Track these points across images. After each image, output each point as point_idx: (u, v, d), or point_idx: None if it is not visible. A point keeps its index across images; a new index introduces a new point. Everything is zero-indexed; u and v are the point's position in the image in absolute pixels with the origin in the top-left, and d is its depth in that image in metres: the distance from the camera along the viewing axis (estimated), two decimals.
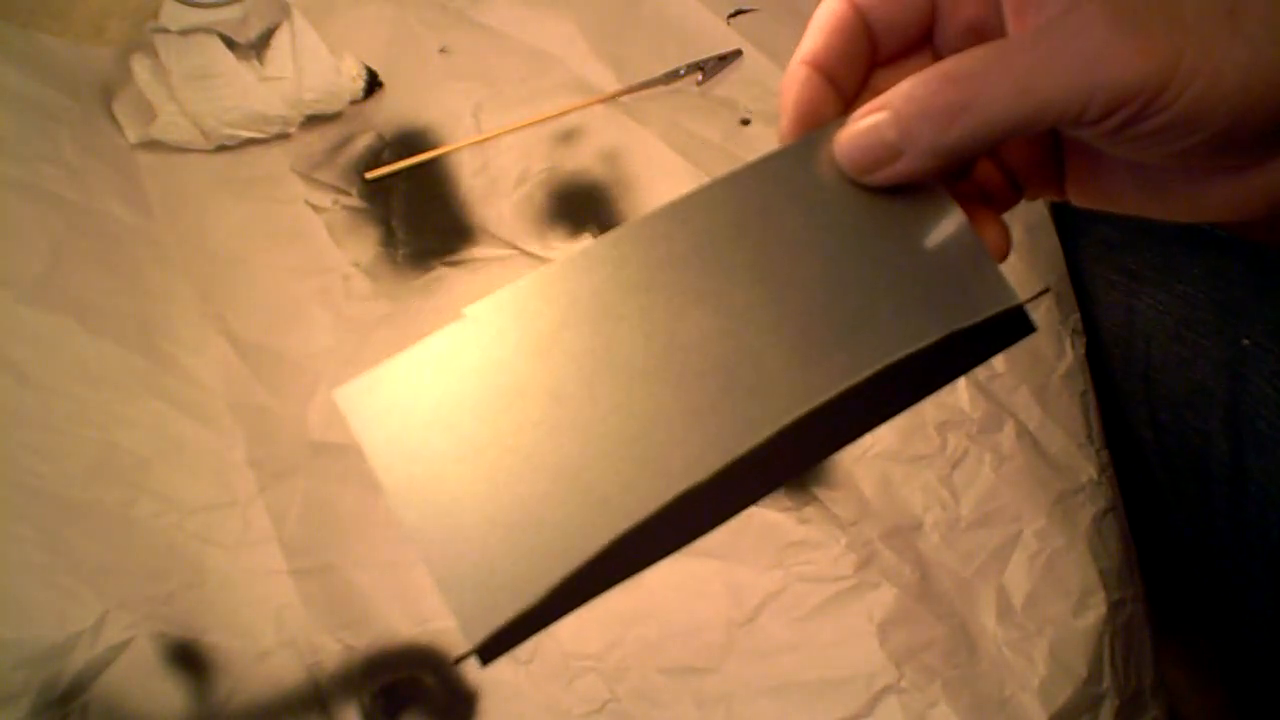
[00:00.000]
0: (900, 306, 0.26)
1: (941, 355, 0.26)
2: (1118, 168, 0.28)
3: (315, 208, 0.53)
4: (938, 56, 0.29)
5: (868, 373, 0.25)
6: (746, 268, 0.26)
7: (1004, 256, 0.28)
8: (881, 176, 0.26)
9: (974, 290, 0.26)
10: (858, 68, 0.29)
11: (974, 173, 0.30)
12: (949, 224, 0.27)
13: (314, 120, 0.54)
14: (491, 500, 0.23)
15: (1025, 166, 0.30)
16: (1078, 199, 0.30)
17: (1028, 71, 0.24)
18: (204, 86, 0.51)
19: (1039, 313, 0.51)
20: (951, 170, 0.28)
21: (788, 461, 0.26)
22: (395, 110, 0.55)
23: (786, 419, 0.24)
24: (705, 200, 0.26)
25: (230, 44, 0.52)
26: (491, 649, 0.23)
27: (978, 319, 0.26)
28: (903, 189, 0.27)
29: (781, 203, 0.27)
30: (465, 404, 0.24)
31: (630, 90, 0.56)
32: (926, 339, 0.25)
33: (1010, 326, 0.27)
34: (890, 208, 0.27)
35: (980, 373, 0.50)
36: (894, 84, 0.25)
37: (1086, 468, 0.49)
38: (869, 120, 0.26)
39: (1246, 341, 0.45)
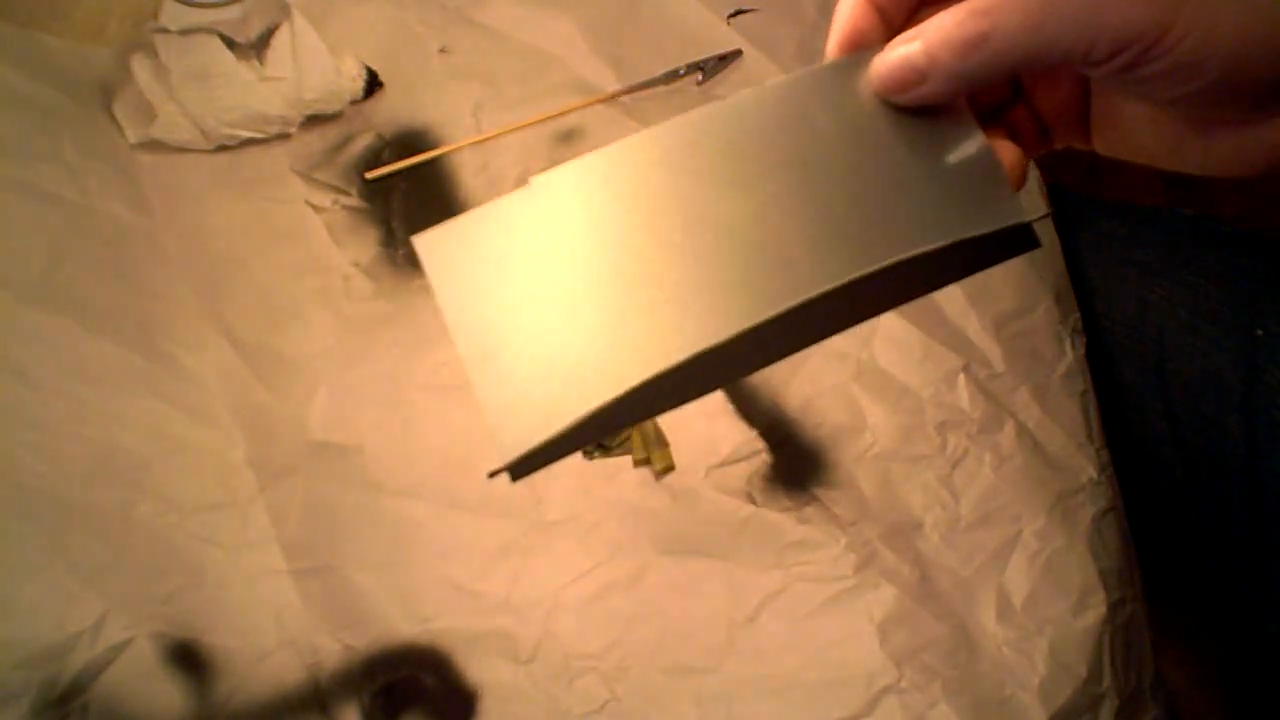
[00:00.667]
0: (918, 211, 0.29)
1: (950, 257, 0.28)
2: (1137, 120, 0.31)
3: (315, 208, 0.53)
4: None
5: (879, 265, 0.27)
6: (782, 164, 0.29)
7: (1020, 185, 0.31)
8: (909, 97, 0.29)
9: (987, 204, 0.29)
10: (907, 2, 0.31)
11: (1009, 117, 0.33)
12: (971, 145, 0.29)
13: (314, 120, 0.54)
14: (537, 341, 0.27)
15: (1055, 114, 0.33)
16: (1101, 147, 0.33)
17: (1040, 10, 0.26)
18: (204, 86, 0.51)
19: (1038, 314, 0.51)
20: (973, 96, 0.30)
21: (799, 334, 0.30)
22: (395, 110, 0.55)
23: (801, 297, 0.27)
24: (750, 103, 0.29)
25: (230, 44, 0.52)
26: (521, 468, 0.26)
27: (987, 230, 0.28)
28: (932, 111, 0.29)
29: (819, 111, 0.29)
30: (524, 258, 0.27)
31: (630, 90, 0.56)
32: (937, 241, 0.28)
33: (1015, 240, 0.30)
34: (919, 126, 0.29)
35: (980, 372, 0.50)
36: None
37: (1086, 467, 0.49)
38: (902, 48, 0.29)
39: (1260, 332, 0.46)
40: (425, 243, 0.28)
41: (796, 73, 0.30)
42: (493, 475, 0.26)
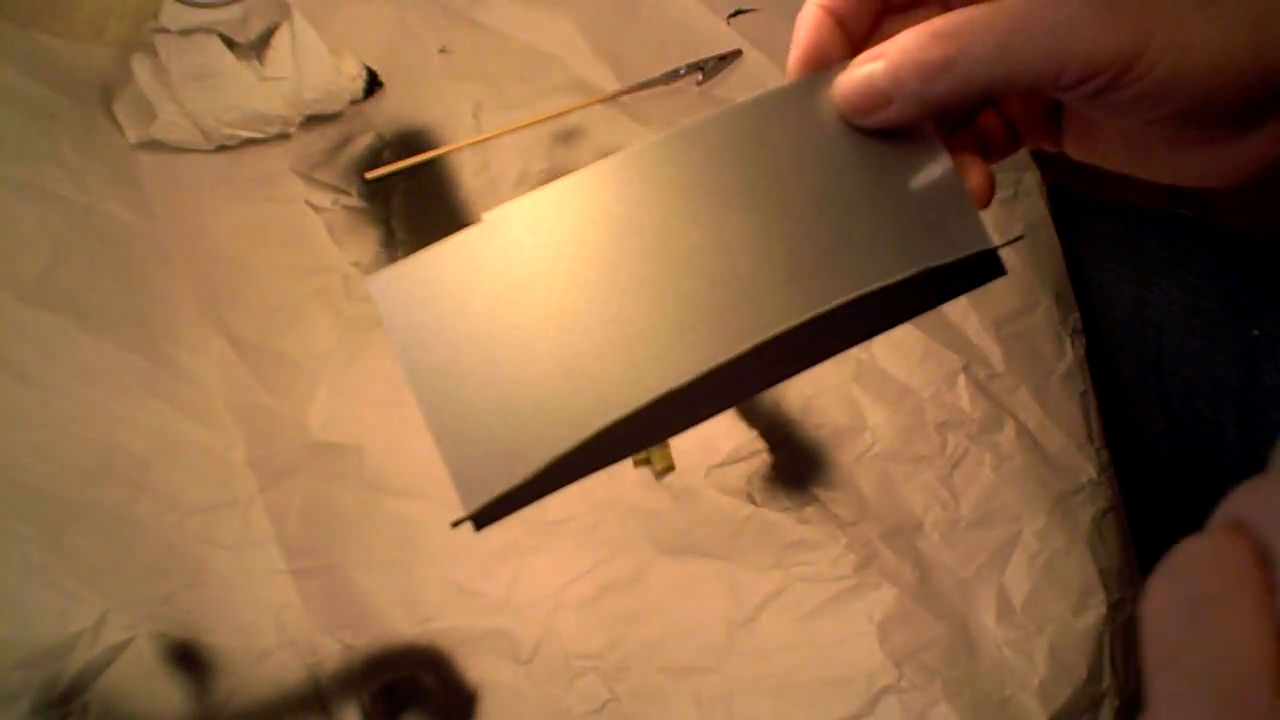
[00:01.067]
0: (882, 240, 0.28)
1: (916, 287, 0.28)
2: (1108, 129, 0.30)
3: (315, 208, 0.53)
4: (948, 7, 0.31)
5: (843, 299, 0.27)
6: (743, 193, 0.28)
7: (986, 204, 0.30)
8: (873, 120, 0.28)
9: (953, 231, 0.28)
10: (868, 13, 0.30)
11: (977, 120, 0.33)
12: (936, 168, 0.29)
13: (314, 120, 0.54)
14: (496, 384, 0.26)
15: (1025, 118, 0.33)
16: (1074, 152, 0.32)
17: (1008, 34, 0.26)
18: (204, 86, 0.51)
19: (1038, 314, 0.51)
20: (940, 117, 0.29)
21: (765, 373, 0.29)
22: (395, 110, 0.55)
23: (765, 335, 0.26)
24: (710, 128, 0.28)
25: (230, 44, 0.52)
26: (485, 517, 0.25)
27: (952, 258, 0.28)
28: (895, 132, 0.29)
29: (780, 136, 0.29)
30: (481, 298, 0.27)
31: (630, 90, 0.56)
32: (902, 272, 0.27)
33: (983, 268, 0.29)
34: (882, 149, 0.29)
35: (980, 372, 0.50)
36: (901, 31, 0.27)
37: (1086, 468, 0.49)
38: (865, 69, 0.28)
39: (1256, 332, 0.46)
40: (379, 284, 0.27)
41: (757, 94, 0.29)
42: (455, 525, 0.25)
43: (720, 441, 0.49)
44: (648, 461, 0.48)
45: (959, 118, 0.33)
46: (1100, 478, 0.49)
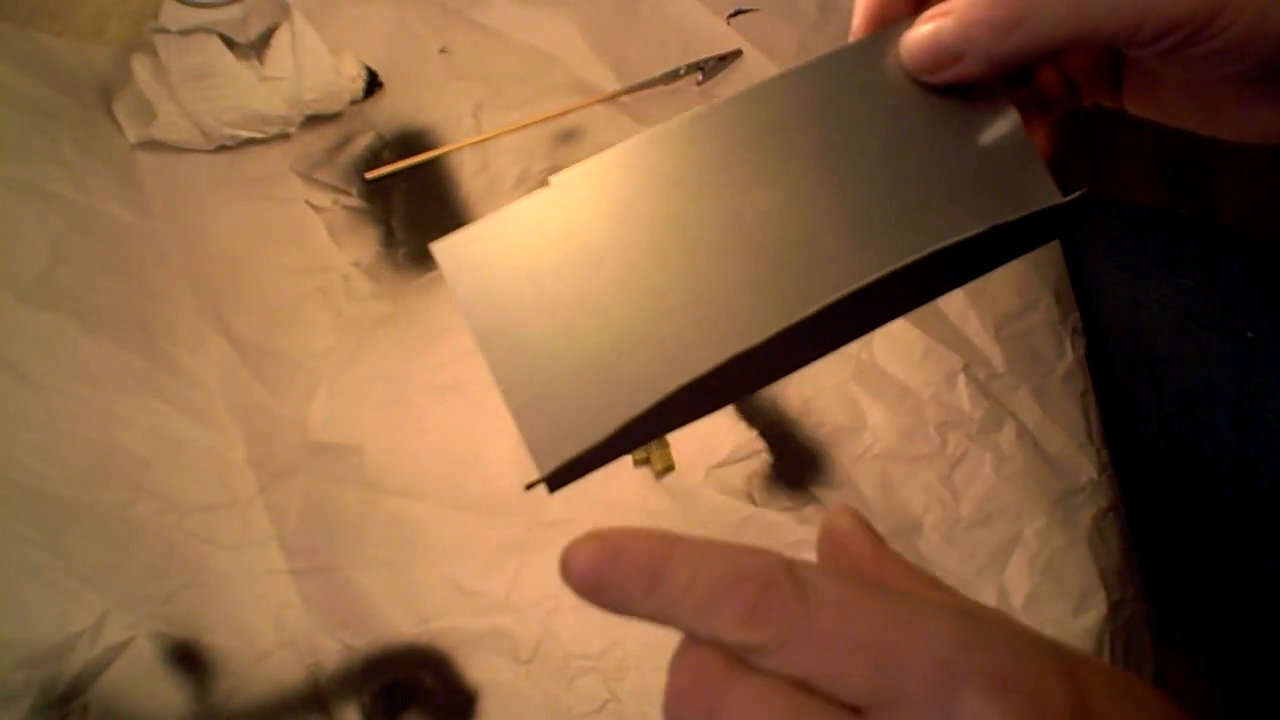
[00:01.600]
0: (952, 197, 0.28)
1: (986, 244, 0.27)
2: (1173, 83, 0.30)
3: (315, 208, 0.53)
4: None
5: (915, 258, 0.26)
6: (812, 153, 0.28)
7: (1048, 160, 0.30)
8: (942, 77, 0.28)
9: (1022, 187, 0.28)
10: None
11: (1036, 75, 0.32)
12: (1003, 124, 0.28)
13: (314, 120, 0.54)
14: (567, 349, 0.26)
15: (1085, 73, 0.32)
16: (1133, 107, 0.32)
17: None
18: (204, 86, 0.51)
19: (1038, 314, 0.51)
20: (1011, 73, 0.29)
21: (836, 331, 0.29)
22: (395, 110, 0.55)
23: (836, 295, 0.26)
24: (779, 88, 0.28)
25: (230, 44, 0.52)
26: (558, 479, 0.25)
27: (1023, 214, 0.27)
28: (962, 89, 0.28)
29: (848, 95, 0.28)
30: (549, 262, 0.26)
31: (630, 90, 0.56)
32: (974, 229, 0.27)
33: (1050, 224, 0.29)
34: (949, 105, 0.28)
35: (980, 372, 0.50)
36: None
37: (1086, 468, 0.49)
38: (933, 24, 0.27)
39: (1251, 335, 0.45)
40: (444, 249, 0.26)
41: (821, 55, 0.29)
42: (529, 487, 0.25)
43: (720, 442, 0.48)
44: (647, 461, 0.48)
45: (1020, 74, 0.32)
46: (1100, 478, 0.49)
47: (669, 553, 0.21)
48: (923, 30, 0.28)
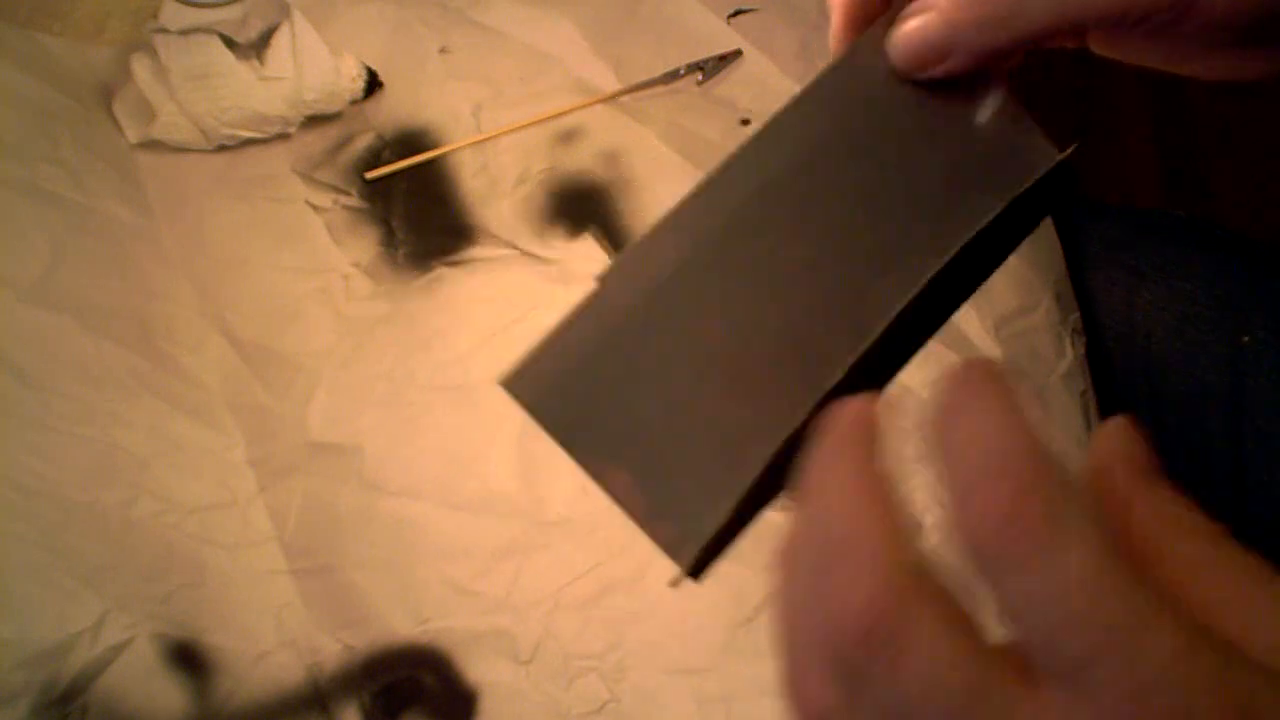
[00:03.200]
0: (966, 184, 0.28)
1: (1004, 226, 0.27)
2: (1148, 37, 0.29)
3: (315, 208, 0.53)
4: None
5: (956, 248, 0.26)
6: (830, 184, 0.28)
7: None
8: (930, 74, 0.28)
9: (1023, 155, 0.28)
10: None
11: None
12: (994, 99, 0.28)
13: (314, 120, 0.54)
14: (666, 431, 0.26)
15: None
16: (1098, 48, 0.31)
17: None
18: (204, 86, 0.51)
19: (1038, 314, 0.51)
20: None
21: (892, 359, 0.29)
22: (395, 110, 0.55)
23: (897, 306, 0.26)
24: (789, 127, 0.28)
25: (230, 44, 0.52)
26: (700, 564, 0.25)
27: (1033, 180, 0.27)
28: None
29: (854, 115, 0.29)
30: (617, 360, 0.26)
31: (630, 90, 0.56)
32: (993, 211, 0.27)
33: (1057, 186, 0.29)
34: (942, 95, 0.29)
35: None
36: None
37: None
38: (917, 22, 0.27)
39: (1246, 339, 0.45)
40: (518, 388, 0.26)
41: (817, 76, 0.29)
42: (673, 584, 0.25)
43: None
44: None
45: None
46: None
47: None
48: (907, 29, 0.28)
